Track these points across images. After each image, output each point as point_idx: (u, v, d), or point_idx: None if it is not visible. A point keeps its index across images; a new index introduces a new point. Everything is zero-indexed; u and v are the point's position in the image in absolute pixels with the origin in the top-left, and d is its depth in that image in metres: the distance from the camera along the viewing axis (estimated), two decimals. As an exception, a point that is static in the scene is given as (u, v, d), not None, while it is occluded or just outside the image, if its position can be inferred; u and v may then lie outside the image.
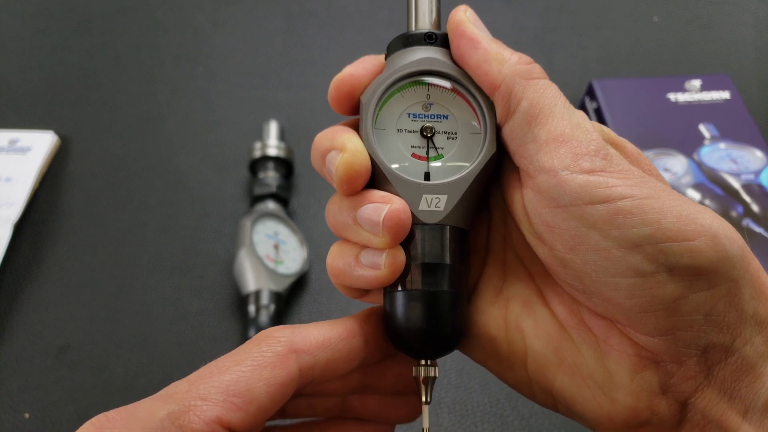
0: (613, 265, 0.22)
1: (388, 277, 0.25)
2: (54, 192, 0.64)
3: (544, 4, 0.79)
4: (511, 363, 0.27)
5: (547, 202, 0.23)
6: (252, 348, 0.24)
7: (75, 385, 0.51)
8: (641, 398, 0.23)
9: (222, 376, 0.22)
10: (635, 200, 0.22)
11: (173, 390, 0.22)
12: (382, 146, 0.26)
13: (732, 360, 0.22)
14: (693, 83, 0.64)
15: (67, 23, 0.79)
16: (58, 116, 0.69)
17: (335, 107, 0.27)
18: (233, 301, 0.56)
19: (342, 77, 0.27)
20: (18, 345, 0.54)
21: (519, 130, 0.24)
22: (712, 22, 0.79)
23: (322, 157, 0.26)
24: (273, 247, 0.56)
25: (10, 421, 0.49)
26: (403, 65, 0.26)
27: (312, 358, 0.24)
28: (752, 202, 0.56)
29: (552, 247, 0.24)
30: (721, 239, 0.21)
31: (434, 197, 0.25)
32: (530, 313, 0.26)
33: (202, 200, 0.63)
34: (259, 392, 0.22)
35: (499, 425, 0.49)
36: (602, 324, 0.25)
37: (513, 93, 0.25)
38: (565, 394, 0.25)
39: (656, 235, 0.21)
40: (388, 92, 0.26)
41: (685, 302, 0.22)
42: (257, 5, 0.80)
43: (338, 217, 0.26)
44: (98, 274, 0.58)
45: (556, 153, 0.23)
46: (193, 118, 0.70)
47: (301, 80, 0.73)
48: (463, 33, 0.26)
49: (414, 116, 0.27)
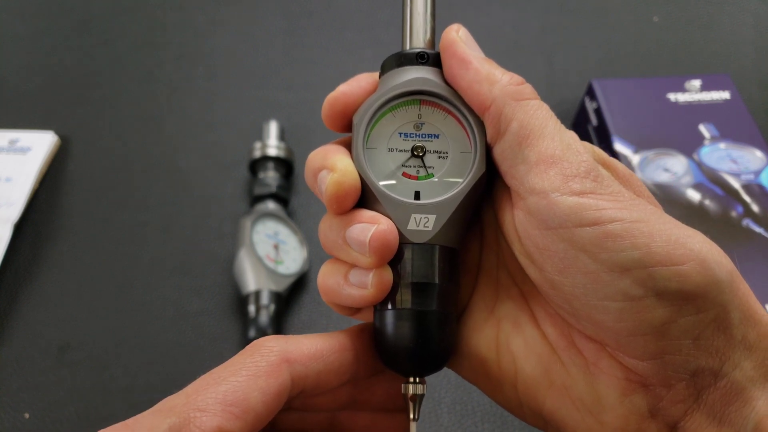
0: (602, 289, 0.22)
1: (374, 297, 0.25)
2: (54, 192, 0.64)
3: (544, 4, 0.79)
4: (501, 384, 0.27)
5: (537, 223, 0.23)
6: (246, 358, 0.24)
7: (75, 385, 0.51)
8: (630, 421, 0.24)
9: (218, 387, 0.22)
10: (625, 223, 0.22)
11: (171, 403, 0.22)
12: (373, 165, 0.26)
13: (721, 384, 0.22)
14: (693, 83, 0.64)
15: (67, 23, 0.79)
16: (58, 116, 0.69)
17: (329, 125, 0.27)
18: (233, 301, 0.56)
19: (335, 96, 0.27)
20: (18, 345, 0.54)
21: (509, 151, 0.24)
22: (712, 22, 0.79)
23: (314, 175, 0.26)
24: (273, 247, 0.56)
25: (10, 421, 0.49)
26: (395, 85, 0.27)
27: (304, 368, 0.24)
28: (752, 202, 0.56)
29: (542, 268, 0.24)
30: (710, 264, 0.21)
31: (423, 217, 0.25)
32: (521, 334, 0.27)
33: (202, 200, 0.63)
34: (256, 401, 0.23)
35: (499, 425, 0.48)
36: (592, 347, 0.25)
37: (503, 114, 0.25)
38: (555, 416, 0.25)
39: (645, 259, 0.21)
40: (380, 112, 0.27)
41: (673, 326, 0.22)
42: (257, 5, 0.80)
43: (329, 235, 0.26)
44: (98, 274, 0.58)
45: (546, 175, 0.23)
46: (193, 118, 0.70)
47: (301, 80, 0.73)
48: (454, 53, 0.26)
49: (405, 135, 0.27)
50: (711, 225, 0.54)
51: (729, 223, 0.54)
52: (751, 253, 0.52)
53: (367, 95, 0.27)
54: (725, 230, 0.53)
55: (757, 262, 0.52)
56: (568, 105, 0.68)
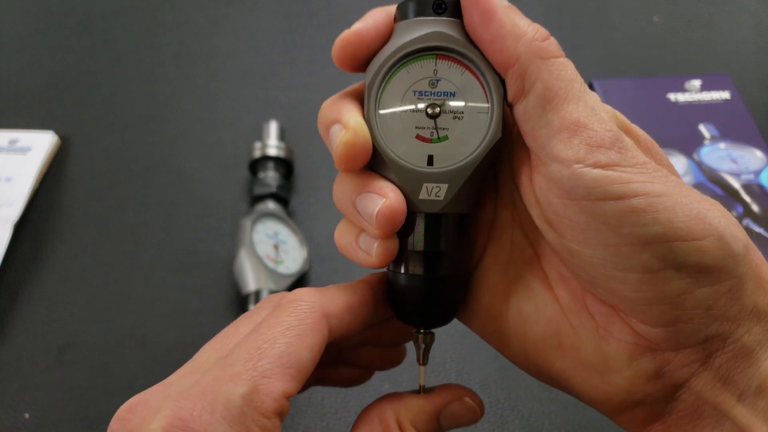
0: (621, 261, 0.22)
1: (378, 264, 0.26)
2: (54, 192, 0.64)
3: (544, 4, 0.79)
4: (510, 341, 0.28)
5: (559, 193, 0.23)
6: (289, 316, 0.25)
7: (75, 385, 0.51)
8: (635, 383, 0.24)
9: (273, 350, 0.23)
10: (648, 198, 0.22)
11: (232, 370, 0.23)
12: (386, 128, 0.25)
13: (729, 348, 0.23)
14: (693, 83, 0.64)
15: (67, 23, 0.79)
16: (58, 116, 0.69)
17: (340, 65, 0.26)
18: (233, 301, 0.56)
19: (348, 36, 0.25)
20: (18, 345, 0.54)
21: (532, 112, 0.23)
22: (712, 22, 0.79)
23: (326, 128, 0.26)
24: (273, 247, 0.56)
25: (10, 421, 0.49)
26: (409, 41, 0.25)
27: (338, 321, 0.26)
28: (752, 202, 0.56)
29: (562, 234, 0.24)
30: (727, 238, 0.22)
31: (435, 186, 0.25)
32: (533, 297, 0.27)
33: (202, 200, 0.63)
34: (306, 359, 0.24)
35: (499, 425, 0.48)
36: (604, 310, 0.25)
37: (528, 73, 0.23)
38: (562, 375, 0.26)
39: (667, 234, 0.21)
40: (393, 70, 0.25)
41: (689, 297, 0.22)
42: (257, 5, 0.80)
43: (341, 197, 0.27)
44: (98, 273, 0.58)
45: (570, 143, 0.22)
46: (193, 118, 0.70)
47: (301, 80, 0.73)
48: (476, 2, 0.24)
49: (420, 94, 0.25)
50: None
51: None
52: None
53: (381, 36, 0.26)
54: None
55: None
56: (568, 105, 0.68)
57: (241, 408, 0.22)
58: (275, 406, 0.22)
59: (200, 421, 0.21)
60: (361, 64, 0.26)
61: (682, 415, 0.24)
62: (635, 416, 0.25)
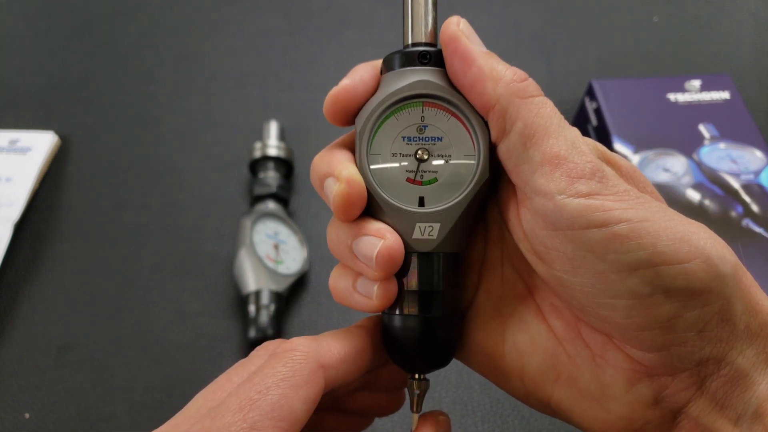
0: (610, 287, 0.23)
1: (379, 307, 0.26)
2: (54, 192, 0.64)
3: (544, 4, 0.79)
4: (509, 376, 0.28)
5: (545, 224, 0.24)
6: (284, 366, 0.24)
7: (75, 385, 0.51)
8: (635, 409, 0.24)
9: (265, 401, 0.23)
10: (631, 224, 0.22)
11: (222, 421, 0.23)
12: (377, 173, 0.26)
13: (724, 371, 0.23)
14: (693, 83, 0.64)
15: (67, 23, 0.79)
16: (58, 116, 0.69)
17: (331, 120, 0.27)
18: (233, 301, 0.56)
19: (337, 92, 0.26)
20: (18, 345, 0.54)
21: (514, 150, 0.24)
22: (712, 22, 0.79)
23: (320, 181, 0.27)
24: (273, 247, 0.56)
25: (10, 421, 0.49)
26: (397, 89, 0.26)
27: (335, 372, 0.25)
28: (752, 202, 0.56)
29: (551, 266, 0.24)
30: (714, 260, 0.22)
31: (427, 225, 0.26)
32: (527, 330, 0.27)
33: (202, 200, 0.63)
34: (299, 411, 0.23)
35: (499, 425, 0.48)
36: (599, 339, 0.25)
37: (508, 113, 0.24)
38: (562, 405, 0.26)
39: (652, 258, 0.22)
40: (383, 117, 0.26)
41: (680, 321, 0.22)
42: (257, 5, 0.80)
43: (337, 243, 0.27)
44: (98, 274, 0.58)
45: (552, 176, 0.23)
46: (193, 118, 0.70)
47: (301, 80, 0.73)
48: (456, 50, 0.25)
49: (408, 139, 0.26)
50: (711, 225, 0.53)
51: (729, 223, 0.54)
52: (751, 253, 0.52)
53: (368, 89, 0.27)
54: (725, 230, 0.53)
55: (757, 262, 0.52)
56: (568, 105, 0.68)
57: None
58: None
59: None
60: (352, 118, 0.27)
61: None
62: None
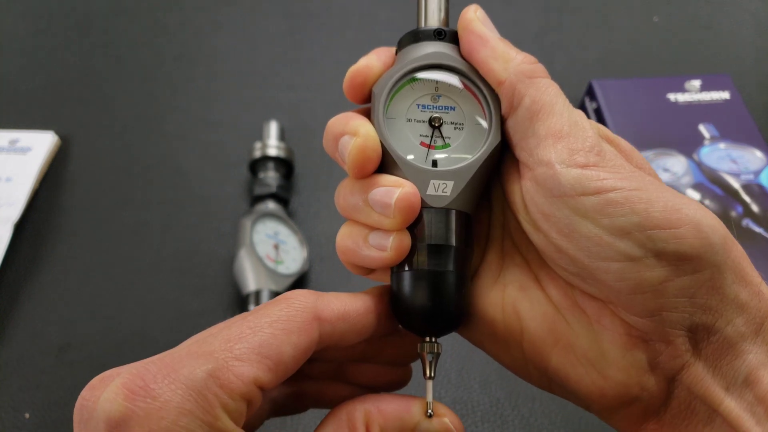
0: (603, 251, 0.24)
1: (393, 259, 0.26)
2: (54, 192, 0.64)
3: (544, 4, 0.79)
4: (508, 344, 0.28)
5: (544, 192, 0.25)
6: (280, 310, 0.25)
7: (75, 385, 0.51)
8: (631, 374, 0.25)
9: (254, 337, 0.23)
10: (624, 191, 0.23)
11: (208, 347, 0.23)
12: (393, 134, 0.27)
13: (714, 339, 0.24)
14: (693, 83, 0.64)
15: (67, 23, 0.79)
16: (58, 116, 0.69)
17: (349, 96, 0.28)
18: (233, 301, 0.56)
19: (357, 68, 0.28)
20: (18, 345, 0.54)
21: (521, 124, 0.26)
22: (712, 22, 0.79)
23: (335, 140, 0.27)
24: (273, 247, 0.56)
25: (10, 421, 0.49)
26: (414, 58, 0.28)
27: (331, 327, 0.25)
28: (752, 202, 0.56)
29: (547, 234, 0.25)
30: (704, 228, 0.23)
31: (441, 183, 0.26)
32: (526, 296, 0.28)
33: (202, 200, 0.63)
34: (288, 356, 0.24)
35: (499, 425, 0.49)
36: (595, 305, 0.26)
37: (517, 90, 0.26)
38: (559, 372, 0.27)
39: (644, 223, 0.23)
40: (399, 84, 0.28)
41: (670, 285, 0.23)
42: (257, 5, 0.80)
43: (349, 199, 0.27)
44: (98, 273, 0.58)
45: (554, 148, 0.25)
46: (193, 118, 0.70)
47: (301, 80, 0.73)
48: (472, 30, 0.27)
49: (423, 107, 0.28)
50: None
51: (729, 223, 0.54)
52: (751, 253, 0.52)
53: (385, 68, 0.28)
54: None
55: (757, 262, 0.52)
56: (568, 105, 0.68)
57: (204, 381, 0.21)
58: (243, 390, 0.22)
59: (160, 383, 0.21)
60: (367, 96, 0.29)
61: (676, 413, 0.25)
62: (631, 414, 0.26)
